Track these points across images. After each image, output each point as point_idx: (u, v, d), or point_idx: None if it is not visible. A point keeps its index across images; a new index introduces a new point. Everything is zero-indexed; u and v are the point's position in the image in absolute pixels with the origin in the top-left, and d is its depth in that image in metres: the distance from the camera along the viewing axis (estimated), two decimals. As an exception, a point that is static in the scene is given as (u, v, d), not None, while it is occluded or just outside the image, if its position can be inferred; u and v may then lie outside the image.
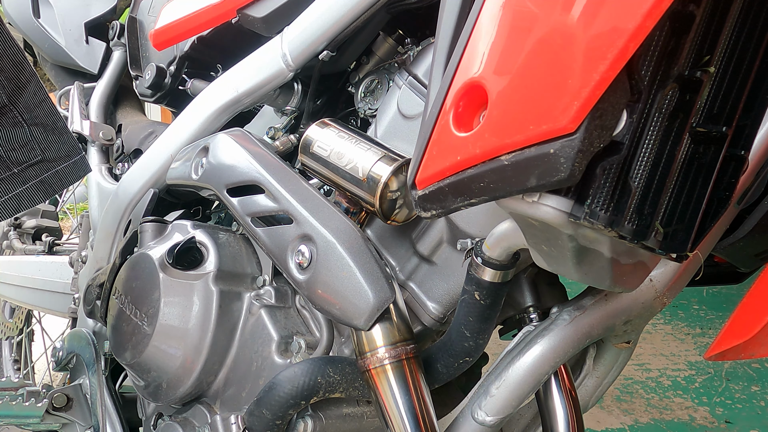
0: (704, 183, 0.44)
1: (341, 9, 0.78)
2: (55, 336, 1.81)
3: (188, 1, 0.99)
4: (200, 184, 0.86)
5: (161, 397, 0.82)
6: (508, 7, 0.44)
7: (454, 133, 0.47)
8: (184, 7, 0.99)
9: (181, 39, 1.02)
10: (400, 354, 0.67)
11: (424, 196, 0.51)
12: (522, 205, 0.44)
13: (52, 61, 1.45)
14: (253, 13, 0.88)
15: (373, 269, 0.67)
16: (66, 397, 1.03)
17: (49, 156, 0.75)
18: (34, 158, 0.73)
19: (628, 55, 0.36)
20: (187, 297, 0.80)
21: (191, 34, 1.00)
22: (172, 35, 1.01)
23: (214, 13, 0.94)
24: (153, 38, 1.03)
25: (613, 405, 1.99)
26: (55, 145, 0.76)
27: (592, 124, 0.38)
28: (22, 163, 0.72)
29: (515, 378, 0.68)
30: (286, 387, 0.69)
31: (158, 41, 1.03)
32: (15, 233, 1.73)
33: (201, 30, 0.99)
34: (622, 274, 0.52)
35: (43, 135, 0.73)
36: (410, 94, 0.78)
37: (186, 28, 0.99)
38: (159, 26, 1.02)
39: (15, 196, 0.72)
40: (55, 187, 0.77)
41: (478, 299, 0.64)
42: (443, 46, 0.53)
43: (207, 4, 0.95)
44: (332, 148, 0.75)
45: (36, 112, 0.73)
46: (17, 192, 0.72)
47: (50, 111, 0.75)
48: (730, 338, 0.57)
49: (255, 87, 0.89)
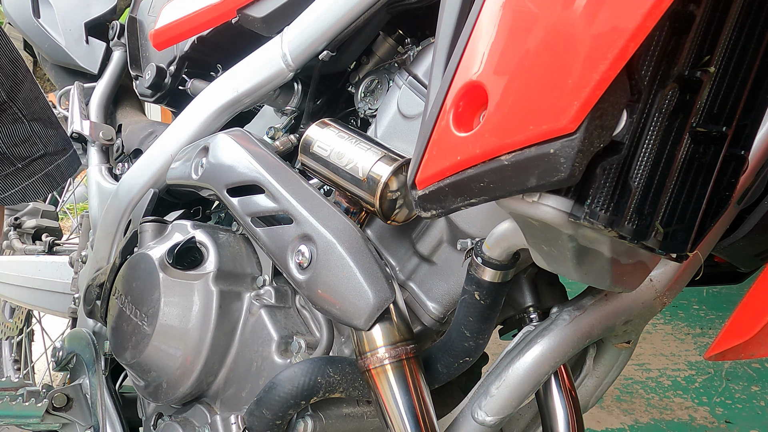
0: (704, 183, 0.44)
1: (341, 9, 0.78)
2: (55, 336, 1.81)
3: (188, 1, 0.99)
4: (200, 184, 0.86)
5: (161, 397, 0.82)
6: (508, 6, 0.44)
7: (454, 133, 0.47)
8: (184, 7, 0.99)
9: (181, 39, 1.02)
10: (400, 354, 0.67)
11: (424, 196, 0.51)
12: (522, 205, 0.44)
13: (52, 61, 1.45)
14: (253, 13, 0.88)
15: (373, 269, 0.67)
16: (66, 397, 1.03)
17: (50, 150, 0.75)
18: (36, 153, 0.73)
19: (629, 55, 0.36)
20: (187, 297, 0.80)
21: (191, 34, 1.00)
22: (172, 35, 1.01)
23: (214, 13, 0.94)
24: (153, 38, 1.03)
25: (613, 405, 1.99)
26: (54, 139, 0.76)
27: (592, 124, 0.38)
28: (26, 158, 0.73)
29: (515, 378, 0.68)
30: (286, 387, 0.69)
31: (158, 41, 1.03)
32: (15, 233, 1.73)
33: (201, 30, 0.99)
34: (622, 274, 0.52)
35: (43, 130, 0.74)
36: (410, 94, 0.78)
37: (186, 28, 0.99)
38: (159, 26, 1.02)
39: (20, 189, 0.73)
40: (58, 180, 0.77)
41: (478, 299, 0.64)
42: (443, 46, 0.53)
43: (207, 4, 0.95)
44: (332, 148, 0.75)
45: (33, 108, 0.73)
46: (23, 186, 0.73)
47: (45, 106, 0.76)
48: (730, 338, 0.57)
49: (255, 87, 0.89)
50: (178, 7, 1.00)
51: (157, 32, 1.03)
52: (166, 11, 1.03)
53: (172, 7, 1.02)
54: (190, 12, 0.97)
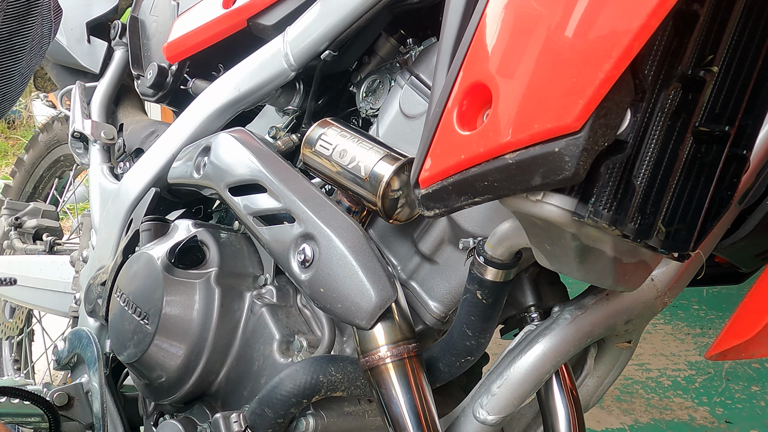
0: (706, 182, 0.44)
1: (343, 9, 0.79)
2: (56, 336, 1.81)
3: (199, 13, 1.00)
4: (202, 183, 0.86)
5: (162, 396, 0.82)
6: (512, 6, 0.44)
7: (458, 132, 0.47)
8: (195, 19, 1.00)
9: (194, 51, 1.03)
10: (401, 353, 0.67)
11: (427, 194, 0.51)
12: (526, 204, 0.45)
13: (54, 60, 1.45)
14: (264, 21, 0.89)
15: (375, 268, 0.67)
16: (67, 395, 1.02)
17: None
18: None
19: (633, 54, 0.36)
20: (188, 296, 0.80)
21: (203, 45, 1.01)
22: (184, 47, 1.03)
23: (224, 24, 0.95)
24: (166, 51, 1.05)
25: (613, 405, 1.99)
26: None
27: (596, 122, 0.38)
28: None
29: (517, 377, 0.68)
30: (288, 386, 0.69)
31: (171, 54, 1.04)
32: (16, 233, 1.73)
33: (212, 41, 1.00)
34: (625, 273, 0.52)
35: None
36: (412, 94, 0.78)
37: (197, 39, 1.01)
38: (171, 39, 1.03)
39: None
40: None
41: (480, 298, 0.64)
42: (447, 45, 0.53)
43: (217, 15, 0.96)
44: (334, 148, 0.75)
45: None
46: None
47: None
48: (731, 338, 0.57)
49: (257, 86, 0.89)
50: (190, 19, 1.02)
51: (170, 45, 1.04)
52: (178, 24, 1.04)
53: (183, 20, 1.03)
54: (200, 24, 0.98)
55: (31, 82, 1.72)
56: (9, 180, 1.95)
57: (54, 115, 1.74)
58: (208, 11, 0.99)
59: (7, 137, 4.81)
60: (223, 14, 0.95)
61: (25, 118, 4.90)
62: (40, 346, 1.88)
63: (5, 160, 4.47)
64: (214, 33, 0.98)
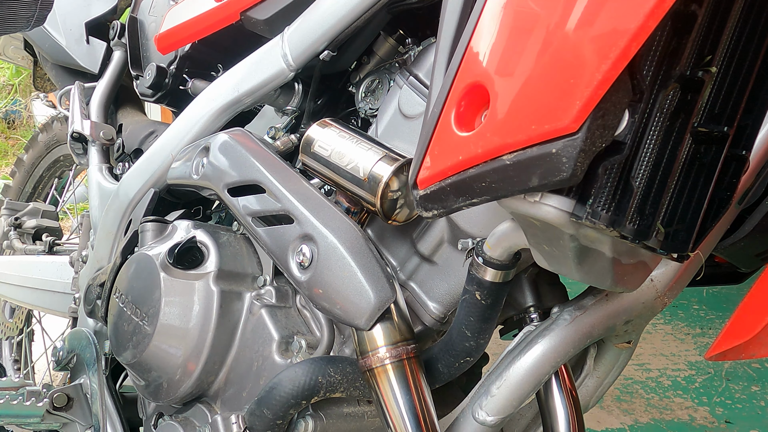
0: (705, 183, 0.44)
1: (342, 9, 0.78)
2: (55, 336, 1.81)
3: (191, 5, 1.00)
4: (201, 184, 0.86)
5: (162, 397, 0.82)
6: (509, 6, 0.44)
7: (456, 133, 0.47)
8: (188, 11, 0.99)
9: (185, 43, 1.03)
10: (401, 354, 0.67)
11: (425, 195, 0.51)
12: (524, 205, 0.45)
13: (53, 60, 1.45)
14: (256, 15, 0.88)
15: (374, 269, 0.67)
16: (66, 396, 1.02)
17: None
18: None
19: (631, 54, 0.36)
20: (187, 297, 0.80)
21: (195, 38, 1.00)
22: (175, 39, 1.02)
23: (216, 16, 0.95)
24: (157, 42, 1.04)
25: (613, 405, 1.99)
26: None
27: (594, 123, 0.38)
28: None
29: (516, 378, 0.68)
30: (287, 387, 0.69)
31: (162, 45, 1.04)
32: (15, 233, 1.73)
33: (204, 34, 0.99)
34: (624, 273, 0.52)
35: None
36: (411, 94, 0.78)
37: (189, 32, 0.99)
38: (163, 30, 1.02)
39: None
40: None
41: (479, 299, 0.64)
42: (445, 46, 0.53)
43: (209, 8, 0.95)
44: (333, 148, 0.75)
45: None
46: None
47: None
48: (731, 338, 0.57)
49: (256, 87, 0.89)
50: (182, 11, 1.01)
51: (161, 36, 1.03)
52: (170, 15, 1.03)
53: (175, 12, 1.02)
54: (193, 16, 0.97)
55: (31, 82, 1.72)
56: (9, 180, 1.95)
57: (54, 115, 1.74)
58: (201, 2, 0.98)
59: (7, 137, 4.81)
60: (216, 6, 0.94)
61: (25, 118, 4.90)
62: (40, 346, 1.88)
63: (5, 160, 4.47)
64: (206, 25, 0.97)
